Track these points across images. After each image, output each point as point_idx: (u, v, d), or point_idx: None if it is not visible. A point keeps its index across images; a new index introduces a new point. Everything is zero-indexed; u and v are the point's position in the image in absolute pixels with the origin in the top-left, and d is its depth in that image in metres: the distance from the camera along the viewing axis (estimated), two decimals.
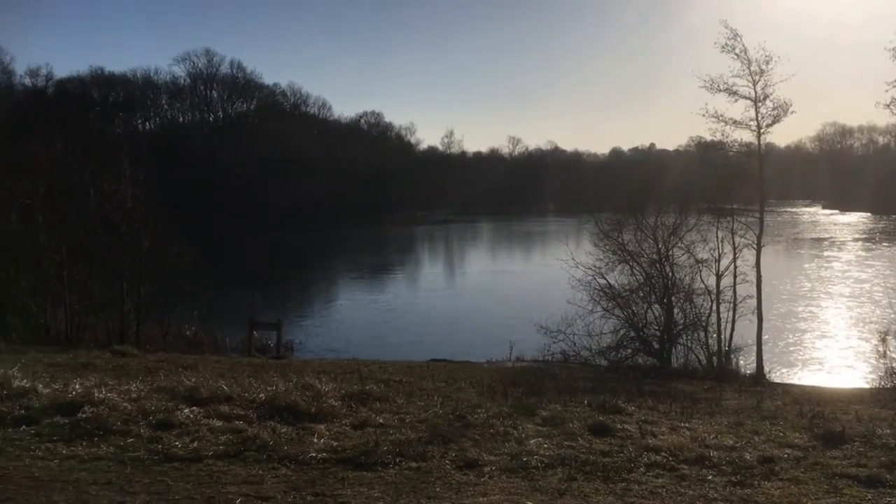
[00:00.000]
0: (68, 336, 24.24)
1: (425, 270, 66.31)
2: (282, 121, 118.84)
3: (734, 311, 26.21)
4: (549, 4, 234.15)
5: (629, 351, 26.20)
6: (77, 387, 8.73)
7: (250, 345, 25.51)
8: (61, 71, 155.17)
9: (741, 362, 25.84)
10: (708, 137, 28.21)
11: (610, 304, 26.73)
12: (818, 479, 6.34)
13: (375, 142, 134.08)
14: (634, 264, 27.35)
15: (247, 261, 61.75)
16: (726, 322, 26.32)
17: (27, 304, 25.27)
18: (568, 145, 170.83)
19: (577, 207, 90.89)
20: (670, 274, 26.98)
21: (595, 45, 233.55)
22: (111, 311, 26.71)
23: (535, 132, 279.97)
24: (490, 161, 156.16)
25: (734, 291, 26.14)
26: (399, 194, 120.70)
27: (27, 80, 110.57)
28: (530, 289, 46.99)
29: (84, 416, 7.51)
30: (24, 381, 8.60)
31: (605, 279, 27.04)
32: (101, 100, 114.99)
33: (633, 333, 26.45)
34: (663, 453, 6.83)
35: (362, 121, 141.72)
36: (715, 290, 26.55)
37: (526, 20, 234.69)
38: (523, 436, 7.46)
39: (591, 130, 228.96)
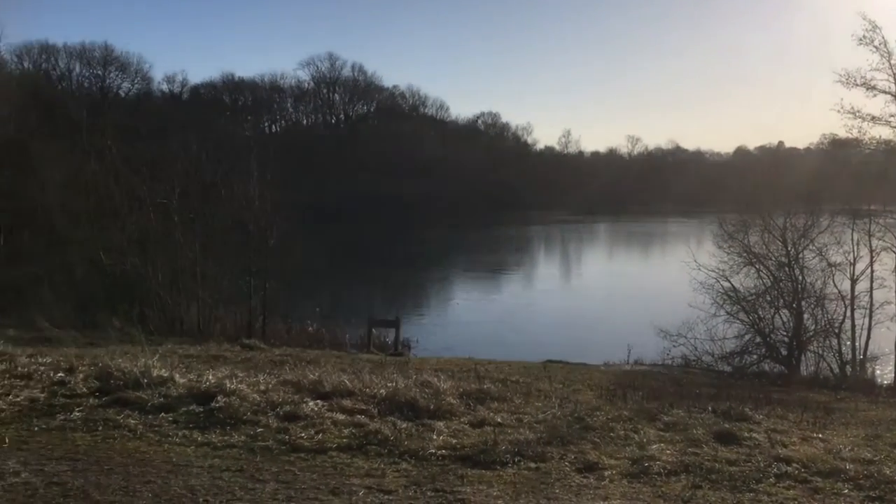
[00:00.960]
0: (200, 329, 25.54)
1: (541, 271, 65.94)
2: (400, 122, 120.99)
3: (870, 317, 24.82)
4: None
5: (754, 357, 25.23)
6: (210, 377, 9.15)
7: (370, 341, 26.11)
8: (195, 77, 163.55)
9: (877, 372, 24.43)
10: (842, 135, 26.79)
11: (734, 308, 25.83)
12: None
13: (492, 142, 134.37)
14: (761, 267, 26.31)
15: (365, 260, 63.18)
16: (861, 329, 24.94)
17: (163, 298, 26.81)
18: (690, 144, 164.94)
19: (699, 208, 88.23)
20: (800, 277, 25.80)
21: (719, 39, 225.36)
22: (239, 306, 27.97)
23: (655, 131, 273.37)
24: (608, 161, 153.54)
25: (870, 297, 24.76)
26: (515, 194, 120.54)
27: (164, 86, 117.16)
28: (649, 291, 45.92)
29: (217, 405, 7.88)
30: (163, 370, 9.11)
31: (730, 282, 26.15)
32: (231, 104, 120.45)
33: (758, 339, 25.45)
34: (794, 464, 6.51)
35: (479, 121, 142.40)
36: (849, 296, 25.18)
37: (647, 17, 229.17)
38: (644, 440, 7.30)
39: (714, 129, 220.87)
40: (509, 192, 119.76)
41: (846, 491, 6.00)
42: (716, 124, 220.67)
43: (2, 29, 52.85)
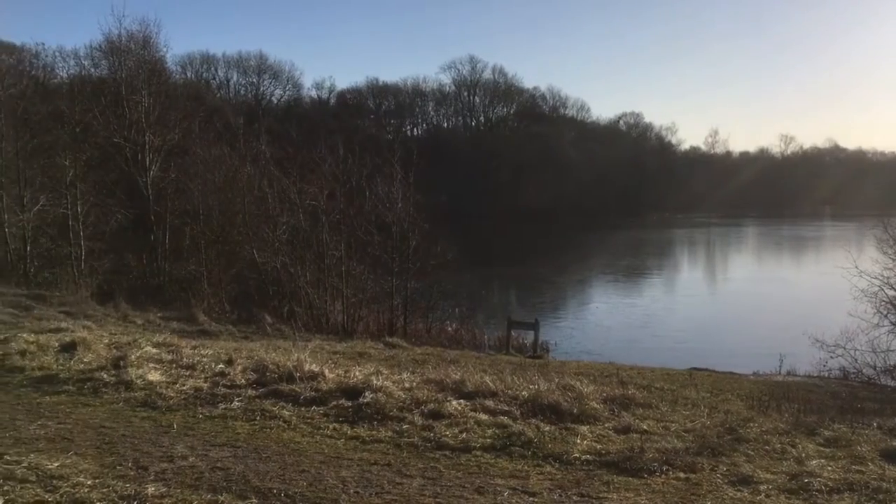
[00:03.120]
0: (345, 326, 26.37)
1: (685, 275, 63.78)
2: (540, 123, 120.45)
3: None
4: None
5: None
6: (357, 373, 9.46)
7: (508, 343, 26.10)
8: (342, 83, 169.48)
9: None
10: None
11: None
12: None
13: (634, 143, 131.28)
14: None
15: (504, 261, 63.30)
16: None
17: (311, 295, 27.91)
18: (849, 143, 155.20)
19: (860, 210, 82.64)
20: None
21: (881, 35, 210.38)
22: (382, 304, 28.68)
23: (811, 130, 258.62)
24: (758, 161, 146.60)
25: None
26: (657, 196, 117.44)
27: (313, 92, 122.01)
28: (802, 299, 43.43)
29: (365, 400, 8.13)
30: (314, 365, 9.49)
31: (895, 290, 24.34)
32: (375, 108, 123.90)
33: None
34: None
35: (621, 122, 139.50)
36: None
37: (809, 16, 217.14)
38: (803, 455, 6.91)
39: (877, 127, 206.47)
40: (652, 193, 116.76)
41: None
42: (877, 122, 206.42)
43: (168, 41, 56.35)
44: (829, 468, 6.49)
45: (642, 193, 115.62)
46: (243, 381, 9.07)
